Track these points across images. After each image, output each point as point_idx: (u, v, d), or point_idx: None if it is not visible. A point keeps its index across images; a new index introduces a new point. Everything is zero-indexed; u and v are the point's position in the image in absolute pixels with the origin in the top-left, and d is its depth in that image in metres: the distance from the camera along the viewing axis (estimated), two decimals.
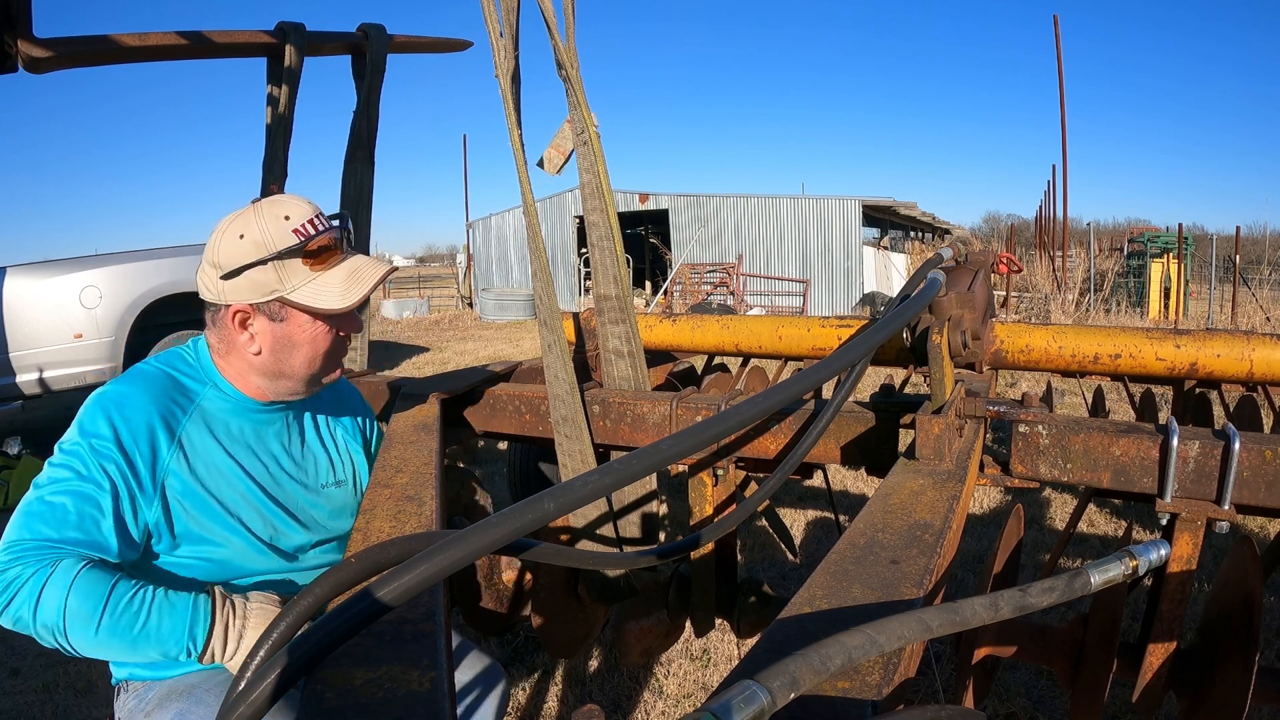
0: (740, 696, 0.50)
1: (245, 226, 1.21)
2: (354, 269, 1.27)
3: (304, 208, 1.25)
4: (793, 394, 1.17)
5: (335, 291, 1.24)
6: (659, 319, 2.56)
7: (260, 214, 1.22)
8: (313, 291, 1.23)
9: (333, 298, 1.24)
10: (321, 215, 1.27)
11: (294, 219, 1.22)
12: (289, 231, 1.21)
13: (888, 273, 20.10)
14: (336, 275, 1.25)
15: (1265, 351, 1.88)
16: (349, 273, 1.26)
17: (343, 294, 1.24)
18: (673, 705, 2.41)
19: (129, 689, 1.30)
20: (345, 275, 1.26)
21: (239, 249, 1.20)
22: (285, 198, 1.27)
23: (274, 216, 1.22)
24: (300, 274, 1.22)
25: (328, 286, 1.24)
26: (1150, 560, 0.73)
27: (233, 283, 1.20)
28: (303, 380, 1.31)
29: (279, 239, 1.20)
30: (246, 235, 1.20)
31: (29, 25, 1.75)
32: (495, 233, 22.83)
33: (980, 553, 3.42)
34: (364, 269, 1.28)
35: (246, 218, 1.22)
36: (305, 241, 1.21)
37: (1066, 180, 14.59)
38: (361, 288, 1.26)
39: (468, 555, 0.70)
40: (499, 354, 11.25)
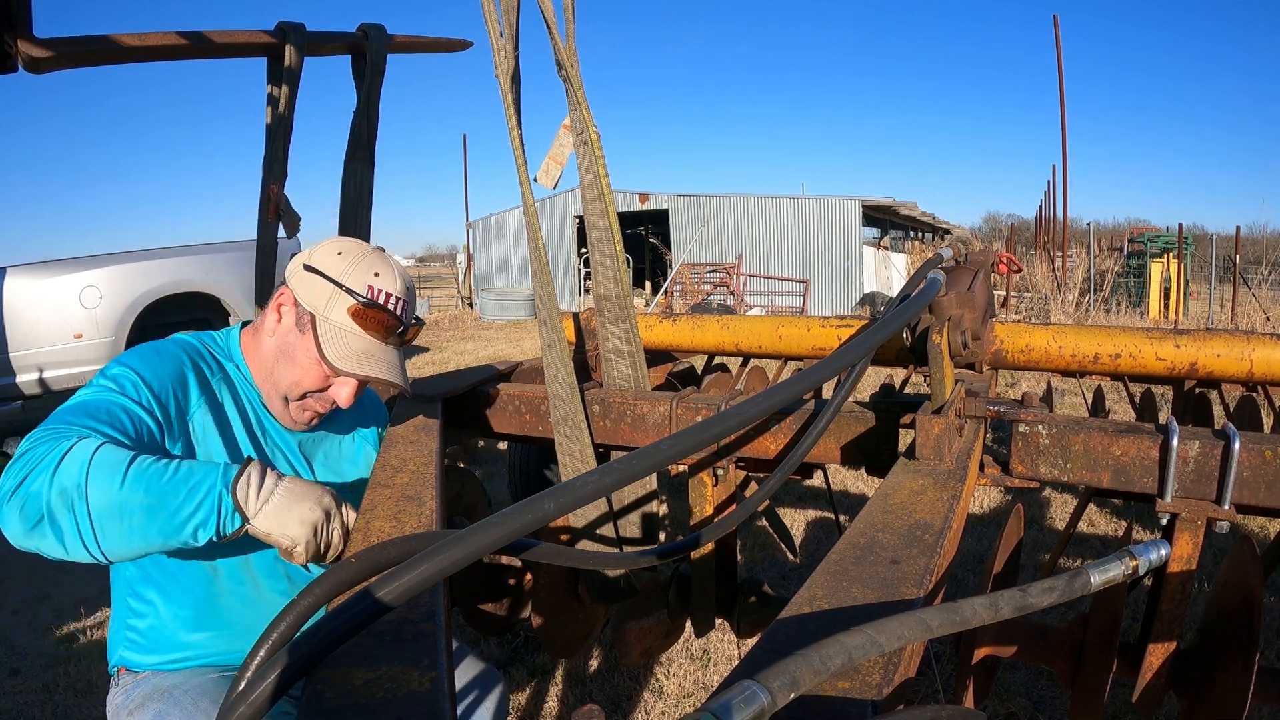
0: (740, 696, 0.50)
1: (348, 253, 1.30)
2: (371, 353, 1.29)
3: (396, 285, 1.31)
4: (793, 394, 1.17)
5: (342, 350, 1.28)
6: (659, 319, 2.56)
7: (364, 258, 1.31)
8: (331, 334, 1.28)
9: (334, 351, 1.27)
10: (405, 304, 1.32)
11: (378, 282, 1.29)
12: (365, 285, 1.28)
13: (888, 273, 20.10)
14: (357, 343, 1.28)
15: (1265, 351, 1.88)
16: (365, 353, 1.29)
17: (342, 356, 1.27)
18: (673, 705, 2.41)
19: (120, 680, 1.32)
20: (361, 349, 1.29)
21: (328, 259, 1.29)
22: (395, 268, 1.33)
23: (369, 267, 1.30)
24: (340, 315, 1.27)
25: (343, 342, 1.28)
26: (1150, 560, 0.73)
27: (303, 276, 1.29)
28: (279, 397, 1.34)
29: (355, 280, 1.28)
30: (344, 256, 1.29)
31: (29, 25, 1.75)
32: (495, 233, 22.83)
33: (980, 553, 3.42)
34: (379, 360, 1.30)
35: (356, 252, 1.32)
36: (368, 299, 1.27)
37: (1066, 180, 14.60)
38: (359, 367, 1.28)
39: (468, 555, 0.70)
40: (499, 354, 11.25)
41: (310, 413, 1.36)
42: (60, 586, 3.49)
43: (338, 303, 1.27)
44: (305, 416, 1.37)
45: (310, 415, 1.37)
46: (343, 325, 1.28)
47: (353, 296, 1.27)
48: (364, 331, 1.29)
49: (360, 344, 1.29)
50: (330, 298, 1.27)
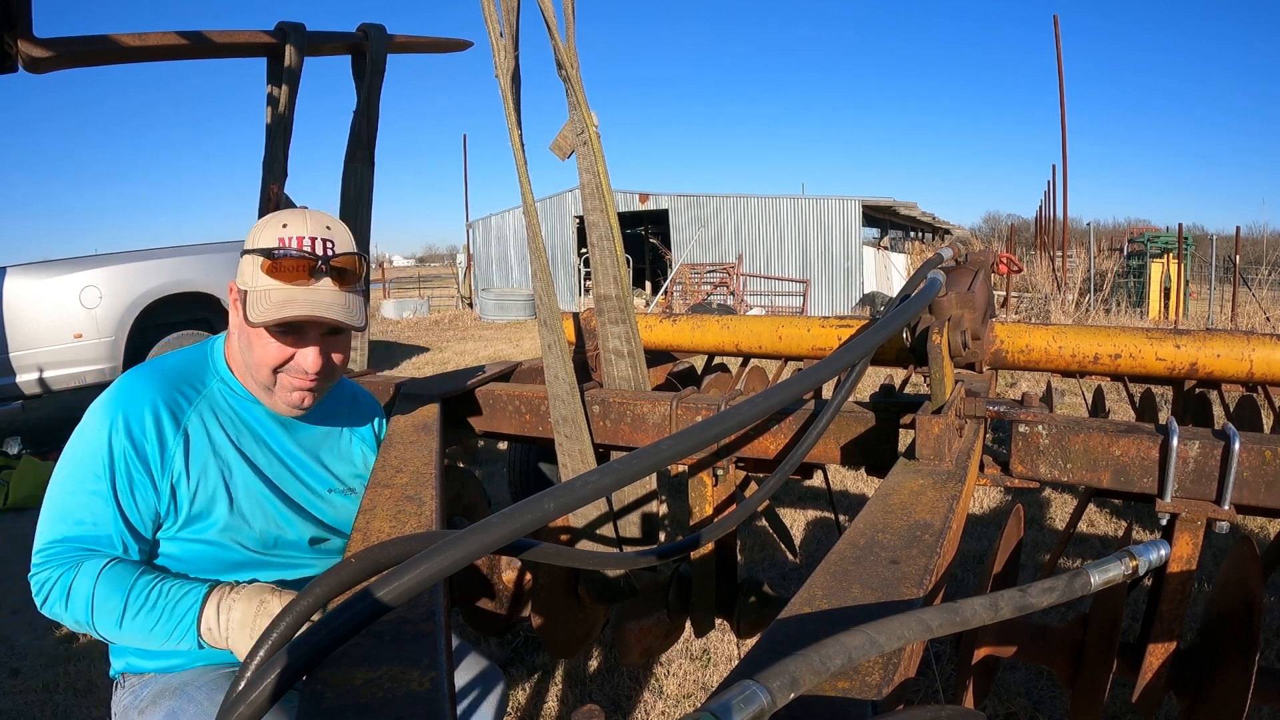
0: (740, 696, 0.50)
1: (261, 222, 1.26)
2: (292, 298, 1.22)
3: (307, 227, 1.24)
4: (793, 394, 1.17)
5: (262, 306, 1.21)
6: (659, 319, 2.56)
7: (274, 218, 1.26)
8: (256, 299, 1.22)
9: (256, 310, 1.22)
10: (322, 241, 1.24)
11: (287, 231, 1.23)
12: (275, 236, 1.23)
13: (888, 273, 20.10)
14: (277, 295, 1.22)
15: (1265, 351, 1.88)
16: (285, 300, 1.22)
17: (262, 311, 1.21)
18: (673, 705, 2.41)
19: (125, 683, 1.31)
20: (282, 299, 1.22)
21: (249, 235, 1.26)
22: (309, 214, 1.27)
23: (277, 222, 1.24)
24: (257, 277, 1.23)
25: (265, 300, 1.22)
26: (1150, 560, 0.73)
27: (238, 263, 1.27)
28: (261, 389, 1.31)
29: (264, 238, 1.23)
30: (258, 226, 1.26)
31: (29, 25, 1.75)
32: (495, 233, 22.83)
33: (980, 553, 3.42)
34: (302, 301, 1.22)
35: (268, 217, 1.27)
36: (272, 249, 1.21)
37: (1066, 180, 14.60)
38: (276, 314, 1.21)
39: (468, 555, 0.70)
40: (499, 354, 11.25)
41: (297, 392, 1.30)
42: None
43: (255, 269, 1.22)
44: (294, 398, 1.31)
45: (298, 395, 1.31)
46: (263, 287, 1.22)
47: (264, 255, 1.21)
48: (282, 282, 1.22)
49: (281, 294, 1.22)
50: (251, 269, 1.23)
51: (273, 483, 1.34)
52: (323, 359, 1.29)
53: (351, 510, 1.44)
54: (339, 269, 1.25)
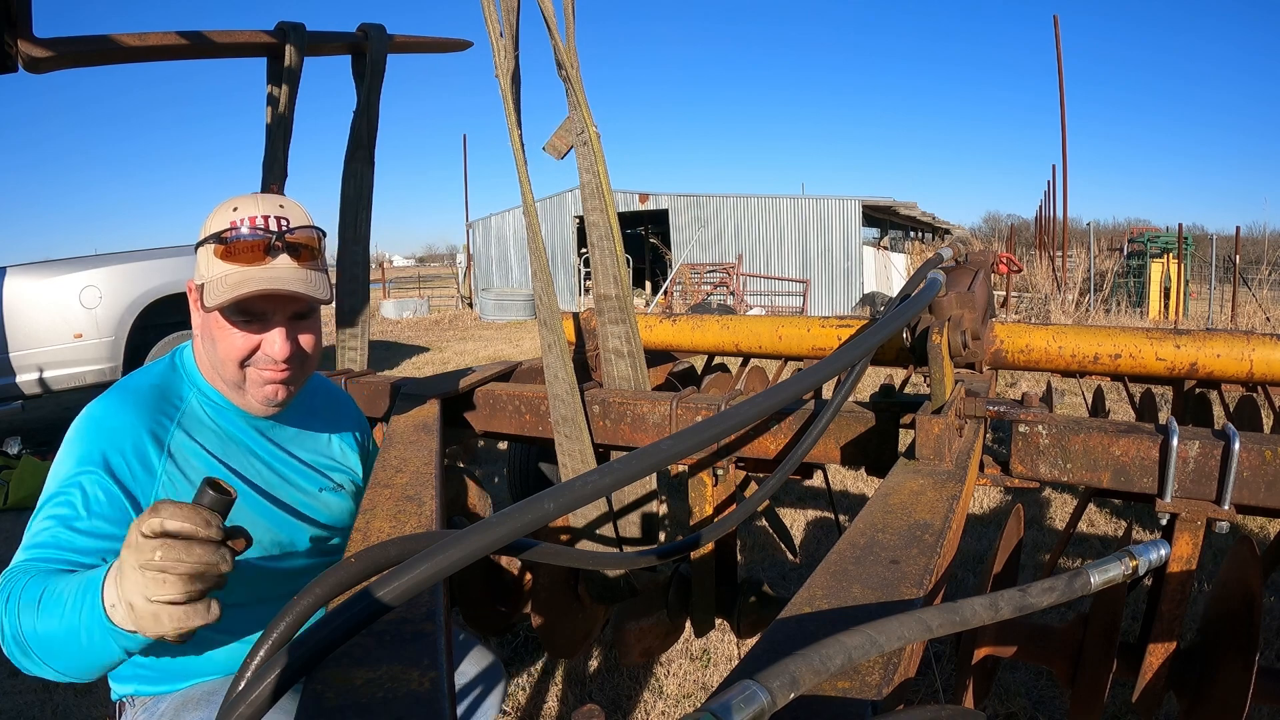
0: (740, 696, 0.50)
1: (213, 211, 1.20)
2: (248, 277, 1.16)
3: (256, 207, 1.19)
4: (793, 394, 1.17)
5: (219, 288, 1.15)
6: (659, 319, 2.56)
7: (225, 203, 1.20)
8: (213, 284, 1.17)
9: (212, 294, 1.16)
10: (274, 219, 1.18)
11: (238, 214, 1.17)
12: (226, 220, 1.17)
13: (888, 273, 20.10)
14: (233, 278, 1.16)
15: (1265, 351, 1.88)
16: (240, 281, 1.16)
17: (218, 294, 1.15)
18: (673, 705, 2.41)
19: (135, 704, 1.26)
20: (238, 280, 1.16)
21: (204, 224, 1.20)
22: (260, 196, 1.21)
23: (228, 207, 1.19)
24: (212, 265, 1.17)
25: (221, 285, 1.16)
26: (1150, 560, 0.73)
27: (196, 254, 1.21)
28: (230, 384, 1.25)
29: (214, 223, 1.17)
30: (209, 216, 1.20)
31: (29, 25, 1.75)
32: (495, 233, 22.83)
33: (980, 553, 3.42)
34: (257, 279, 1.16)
35: (220, 204, 1.21)
36: (223, 232, 1.16)
37: (1066, 180, 14.60)
38: (230, 293, 1.14)
39: (468, 555, 0.70)
40: (499, 354, 11.25)
41: (269, 385, 1.24)
42: None
43: (209, 257, 1.17)
44: (267, 391, 1.25)
45: (271, 388, 1.25)
46: (219, 274, 1.16)
47: (216, 241, 1.16)
48: (237, 265, 1.16)
49: (236, 277, 1.16)
50: (206, 258, 1.17)
51: (266, 492, 1.31)
52: (291, 344, 1.23)
53: (344, 507, 1.43)
54: (295, 245, 1.19)
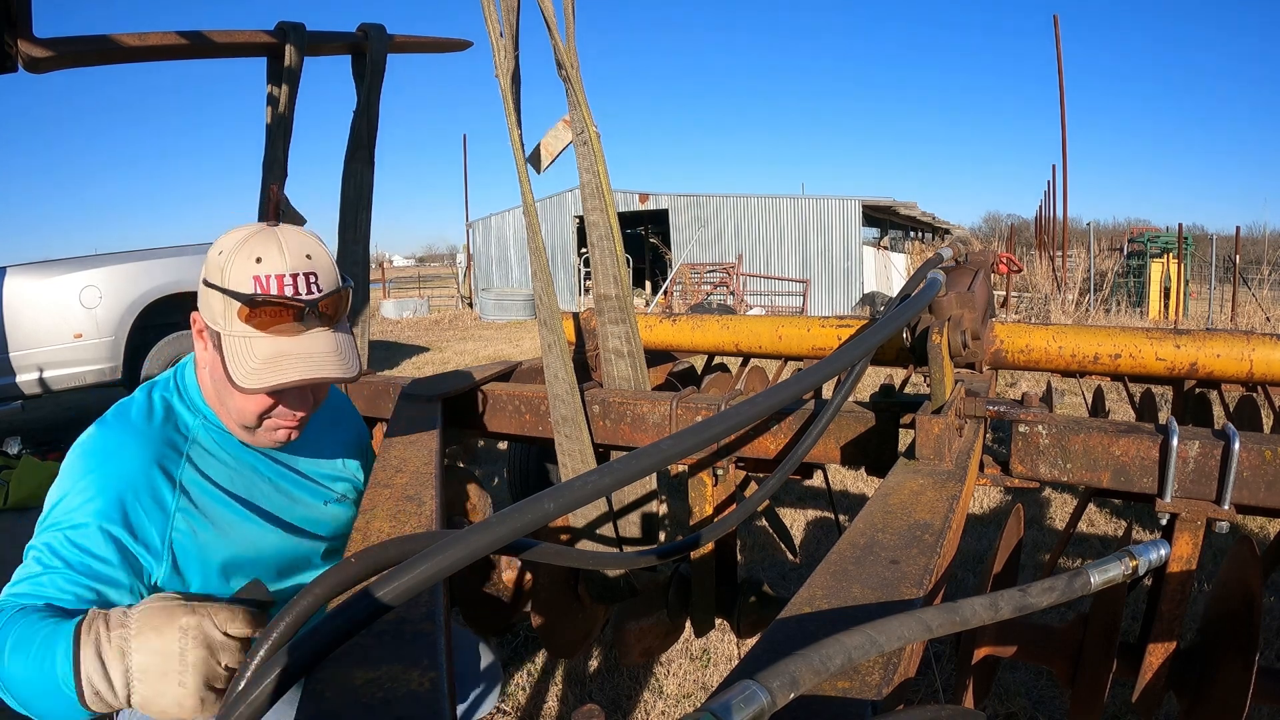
0: (740, 696, 0.50)
1: (227, 248, 1.09)
2: (283, 353, 1.09)
3: (283, 261, 1.09)
4: (793, 394, 1.16)
5: (248, 364, 1.08)
6: (659, 319, 2.56)
7: (243, 246, 1.09)
8: (235, 349, 1.09)
9: (240, 368, 1.08)
10: (305, 277, 1.10)
11: (263, 268, 1.08)
12: (250, 277, 1.07)
13: (888, 273, 20.10)
14: (263, 348, 1.09)
15: (1265, 351, 1.88)
16: (276, 356, 1.09)
17: (250, 372, 1.08)
18: (673, 705, 2.41)
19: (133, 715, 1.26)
20: (269, 354, 1.09)
21: (212, 264, 1.10)
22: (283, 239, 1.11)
23: (248, 255, 1.08)
24: (232, 322, 1.09)
25: (247, 354, 1.09)
26: (1150, 560, 0.73)
27: (202, 292, 1.12)
28: (234, 424, 1.21)
29: (235, 278, 1.08)
30: (223, 254, 1.09)
31: (29, 25, 1.75)
32: (495, 233, 22.83)
33: (980, 553, 3.42)
34: (295, 357, 1.09)
35: (234, 243, 1.10)
36: (253, 295, 1.07)
37: (1066, 180, 14.59)
38: (270, 378, 1.08)
39: (468, 555, 0.70)
40: (499, 354, 11.24)
41: (282, 430, 1.21)
42: None
43: (231, 311, 1.08)
44: (279, 435, 1.22)
45: (283, 433, 1.22)
46: (243, 333, 1.09)
47: (239, 299, 1.07)
48: (265, 333, 1.09)
49: (267, 347, 1.09)
50: (224, 308, 1.09)
51: (274, 515, 1.29)
52: (310, 399, 1.21)
53: (349, 516, 1.42)
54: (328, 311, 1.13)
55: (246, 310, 1.07)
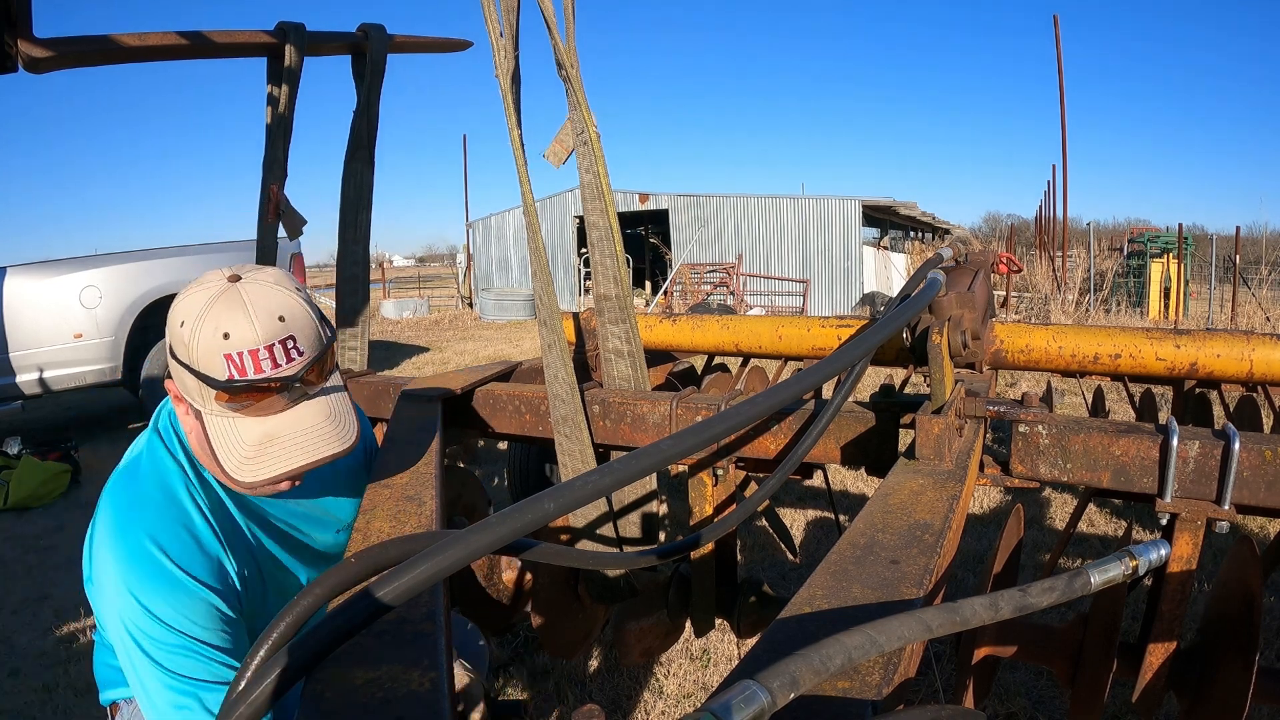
0: (740, 696, 0.50)
1: (189, 320, 0.97)
2: (276, 434, 1.00)
3: (254, 331, 0.96)
4: (793, 394, 1.16)
5: (238, 453, 1.00)
6: (659, 319, 2.56)
7: (209, 312, 0.96)
8: (220, 430, 1.00)
9: (232, 458, 1.00)
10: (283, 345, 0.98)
11: (232, 345, 0.95)
12: (219, 355, 0.96)
13: (888, 273, 20.10)
14: (250, 432, 1.00)
15: (1265, 351, 1.88)
16: (265, 438, 1.00)
17: (241, 463, 1.00)
18: (673, 705, 2.41)
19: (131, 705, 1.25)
20: (259, 439, 1.00)
21: (176, 335, 0.98)
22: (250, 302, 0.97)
23: (213, 332, 0.96)
24: (208, 402, 0.99)
25: (234, 439, 1.00)
26: (1150, 560, 0.73)
27: (172, 364, 1.01)
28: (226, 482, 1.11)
29: (204, 358, 0.96)
30: (185, 326, 0.97)
31: (29, 25, 1.75)
32: (495, 233, 22.83)
33: (980, 553, 3.42)
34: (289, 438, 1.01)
35: (197, 306, 0.97)
36: (229, 382, 0.96)
37: (1066, 180, 14.59)
38: (269, 468, 1.00)
39: (468, 555, 0.70)
40: (499, 354, 11.24)
41: (284, 484, 1.10)
42: (60, 586, 3.49)
43: (207, 394, 0.99)
44: (284, 486, 1.10)
45: (285, 485, 1.11)
46: (224, 413, 1.00)
47: (213, 386, 0.96)
48: (256, 411, 1.00)
49: (254, 430, 1.00)
50: (199, 390, 0.99)
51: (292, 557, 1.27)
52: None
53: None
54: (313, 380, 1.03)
55: (225, 396, 0.98)
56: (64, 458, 5.24)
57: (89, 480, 5.25)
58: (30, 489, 4.77)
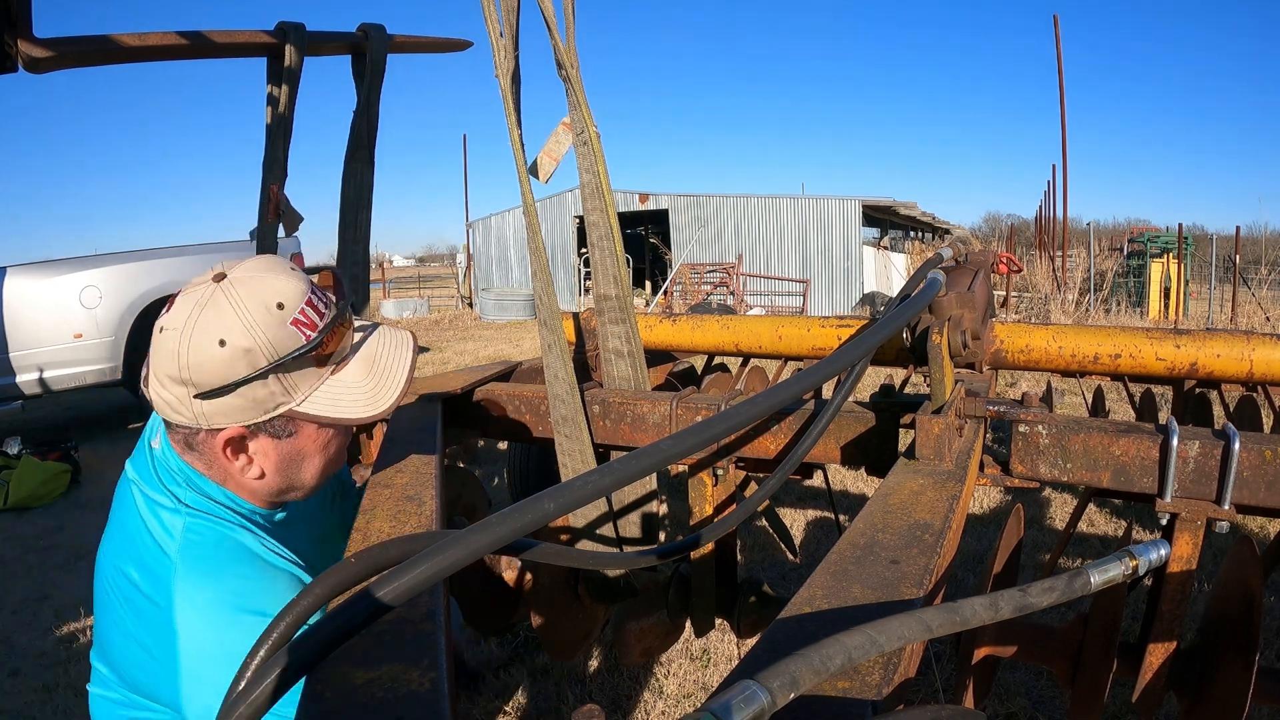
0: (740, 696, 0.50)
1: (223, 327, 0.90)
2: (371, 362, 1.02)
3: (294, 285, 0.94)
4: (793, 394, 1.16)
5: (360, 395, 1.00)
6: (659, 319, 2.56)
7: (240, 306, 0.90)
8: (330, 398, 0.99)
9: (357, 404, 1.00)
10: (316, 290, 0.98)
11: (289, 305, 0.93)
12: (288, 326, 0.92)
13: (888, 273, 20.10)
14: (355, 372, 1.01)
15: (1265, 351, 1.88)
16: (369, 365, 1.02)
17: (371, 398, 1.01)
18: (673, 705, 2.41)
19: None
20: (365, 370, 1.02)
21: (221, 361, 0.90)
22: (265, 271, 0.95)
23: (261, 307, 0.91)
24: (310, 378, 0.98)
25: (349, 390, 1.00)
26: (1150, 560, 0.73)
27: (216, 403, 0.93)
28: (312, 489, 1.13)
29: (279, 341, 0.92)
30: (230, 341, 0.90)
31: (29, 25, 1.75)
32: (495, 233, 22.84)
33: (980, 553, 3.42)
34: (383, 356, 1.04)
35: (220, 313, 0.90)
36: (316, 341, 0.94)
37: (1066, 180, 14.60)
38: (391, 387, 1.02)
39: (468, 555, 0.70)
40: (499, 354, 11.24)
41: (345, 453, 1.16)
42: (60, 586, 3.49)
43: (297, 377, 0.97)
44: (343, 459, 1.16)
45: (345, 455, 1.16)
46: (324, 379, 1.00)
47: (302, 354, 0.94)
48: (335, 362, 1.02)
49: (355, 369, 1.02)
50: (284, 383, 0.96)
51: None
52: None
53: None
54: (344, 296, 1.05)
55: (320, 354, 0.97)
56: (64, 458, 5.24)
57: (89, 480, 5.25)
58: (30, 489, 4.77)
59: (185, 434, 1.00)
